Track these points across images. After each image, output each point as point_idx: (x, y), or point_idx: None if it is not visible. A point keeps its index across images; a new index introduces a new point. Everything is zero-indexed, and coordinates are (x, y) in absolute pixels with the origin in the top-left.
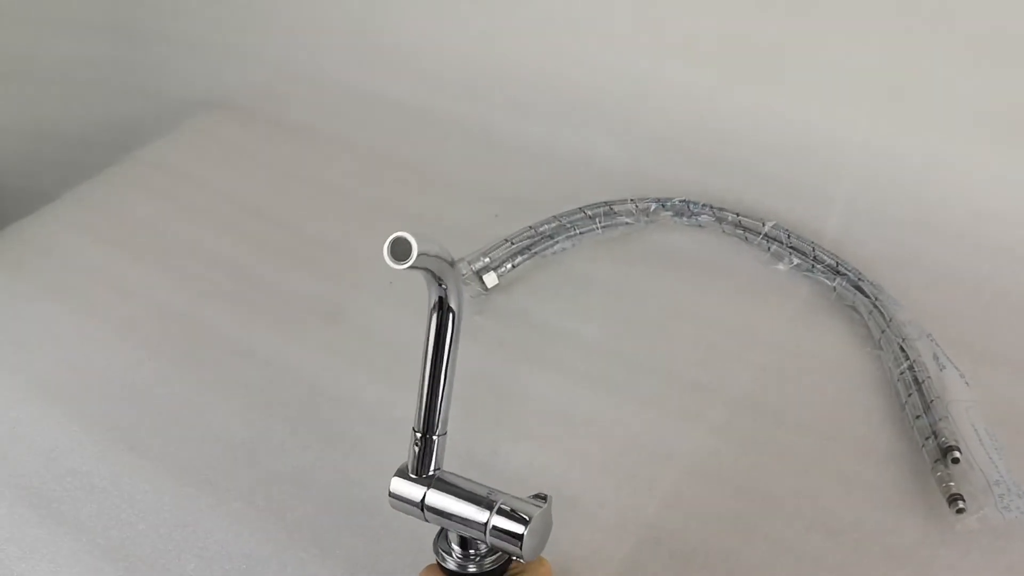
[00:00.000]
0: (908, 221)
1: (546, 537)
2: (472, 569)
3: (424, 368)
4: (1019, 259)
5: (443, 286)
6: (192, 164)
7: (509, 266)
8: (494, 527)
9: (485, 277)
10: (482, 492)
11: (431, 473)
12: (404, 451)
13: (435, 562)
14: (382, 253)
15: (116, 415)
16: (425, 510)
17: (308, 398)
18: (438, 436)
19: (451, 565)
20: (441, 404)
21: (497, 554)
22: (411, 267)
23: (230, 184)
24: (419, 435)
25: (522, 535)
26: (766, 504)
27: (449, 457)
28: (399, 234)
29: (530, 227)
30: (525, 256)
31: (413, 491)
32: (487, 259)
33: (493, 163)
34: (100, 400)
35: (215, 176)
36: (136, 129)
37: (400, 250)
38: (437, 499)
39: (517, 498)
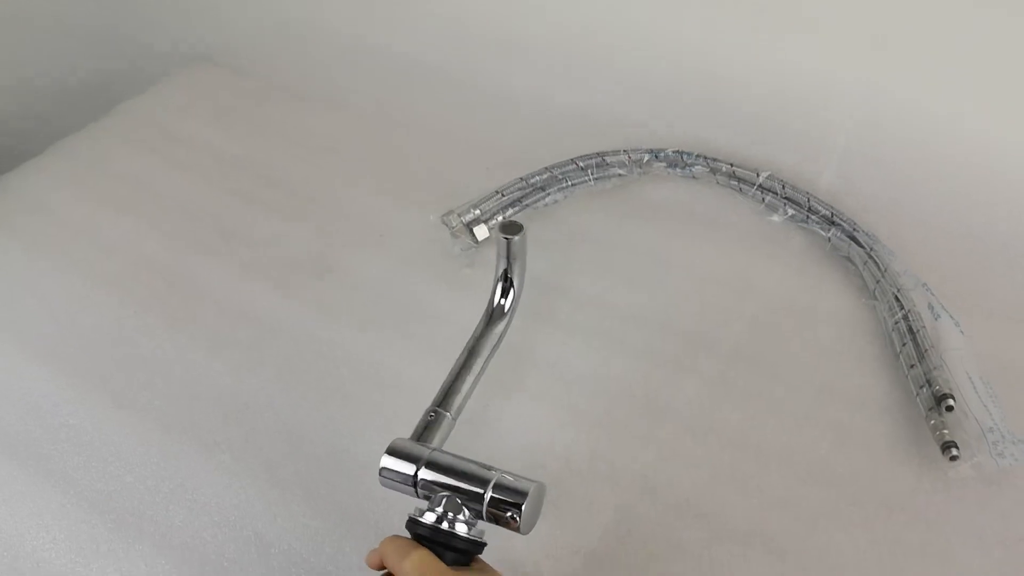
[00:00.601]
0: (904, 172)
1: (536, 518)
2: (444, 526)
3: (467, 345)
4: (1016, 210)
5: (511, 259)
6: (178, 119)
7: (500, 218)
8: (492, 498)
9: (476, 230)
10: (478, 469)
11: (426, 450)
12: (395, 405)
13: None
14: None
15: (103, 369)
16: (417, 487)
17: (298, 352)
18: (451, 416)
19: (428, 519)
20: (466, 384)
21: (472, 528)
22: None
23: (216, 139)
24: (435, 407)
25: (521, 504)
26: (760, 456)
27: None
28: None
29: (521, 178)
30: (516, 208)
31: (404, 467)
32: (477, 211)
33: (485, 116)
34: (86, 354)
35: (201, 131)
36: (121, 83)
37: (511, 228)
38: (431, 476)
39: (512, 474)
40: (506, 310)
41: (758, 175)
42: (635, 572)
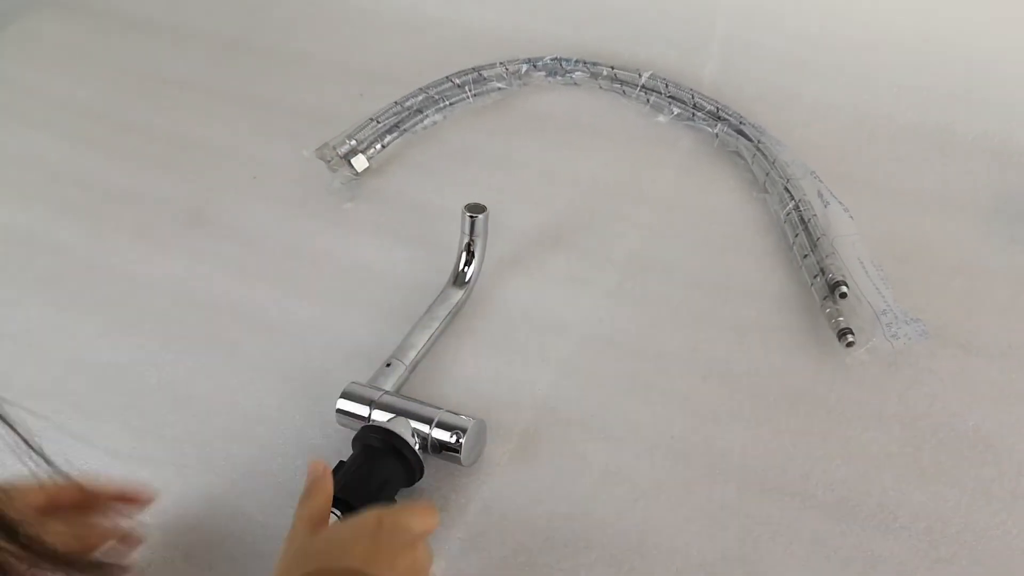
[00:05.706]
0: (787, 58)
1: (477, 452)
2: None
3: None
4: (899, 87)
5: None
6: (22, 69)
7: (379, 147)
8: (437, 430)
9: (354, 161)
10: (424, 408)
11: (377, 392)
12: (286, 352)
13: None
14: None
15: None
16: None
17: (176, 307)
18: (406, 365)
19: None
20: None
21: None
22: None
23: (66, 87)
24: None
25: (460, 445)
26: (661, 361)
27: (334, 346)
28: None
29: (396, 102)
30: (394, 134)
31: (359, 409)
32: (353, 142)
33: (353, 37)
34: None
35: (49, 80)
36: None
37: (476, 208)
38: (382, 417)
39: (456, 412)
40: (468, 279)
41: (640, 75)
42: (544, 490)
